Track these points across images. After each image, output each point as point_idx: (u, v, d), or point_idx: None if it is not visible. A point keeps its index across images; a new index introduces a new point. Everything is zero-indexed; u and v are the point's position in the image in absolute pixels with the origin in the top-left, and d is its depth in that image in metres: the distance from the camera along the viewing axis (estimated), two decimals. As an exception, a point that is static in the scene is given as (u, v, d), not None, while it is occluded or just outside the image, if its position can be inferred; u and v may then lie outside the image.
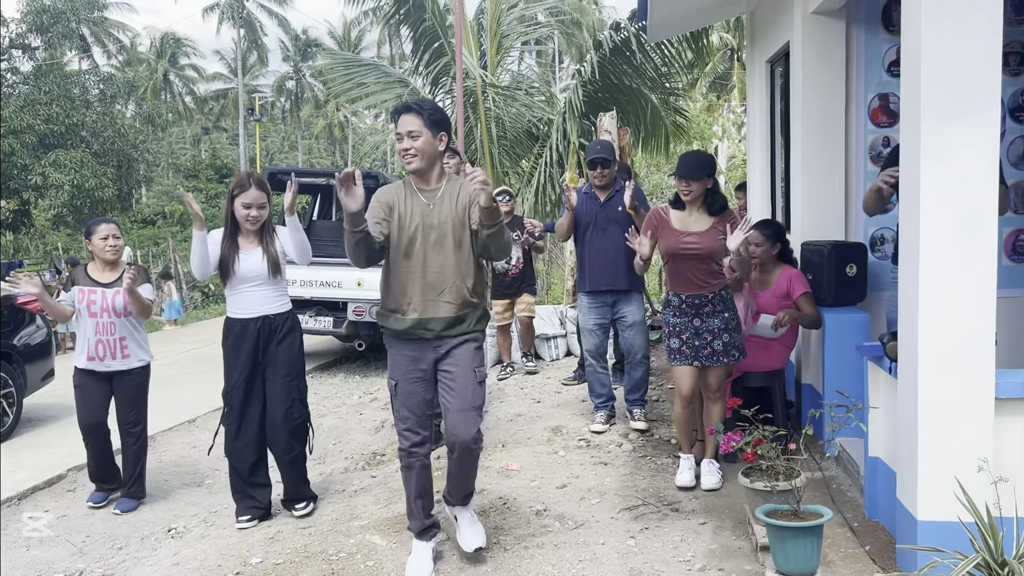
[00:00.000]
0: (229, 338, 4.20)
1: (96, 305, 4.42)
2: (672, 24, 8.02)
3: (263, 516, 4.25)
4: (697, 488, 4.31)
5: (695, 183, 4.19)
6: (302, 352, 4.35)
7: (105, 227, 4.53)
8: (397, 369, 3.50)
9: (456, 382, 3.43)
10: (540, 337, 8.27)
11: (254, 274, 4.14)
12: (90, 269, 4.55)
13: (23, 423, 6.35)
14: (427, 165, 3.37)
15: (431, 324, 3.39)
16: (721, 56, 25.34)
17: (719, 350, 4.26)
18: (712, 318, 4.26)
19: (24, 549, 4.04)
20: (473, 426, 3.44)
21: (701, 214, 4.25)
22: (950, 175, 2.94)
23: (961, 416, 2.97)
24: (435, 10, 11.87)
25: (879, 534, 3.57)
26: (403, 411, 3.50)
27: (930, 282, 2.97)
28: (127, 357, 4.49)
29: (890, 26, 5.04)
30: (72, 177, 19.24)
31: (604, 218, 5.39)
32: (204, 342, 10.80)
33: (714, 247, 4.20)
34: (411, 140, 3.32)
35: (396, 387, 3.50)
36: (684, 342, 4.29)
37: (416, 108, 3.37)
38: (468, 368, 3.44)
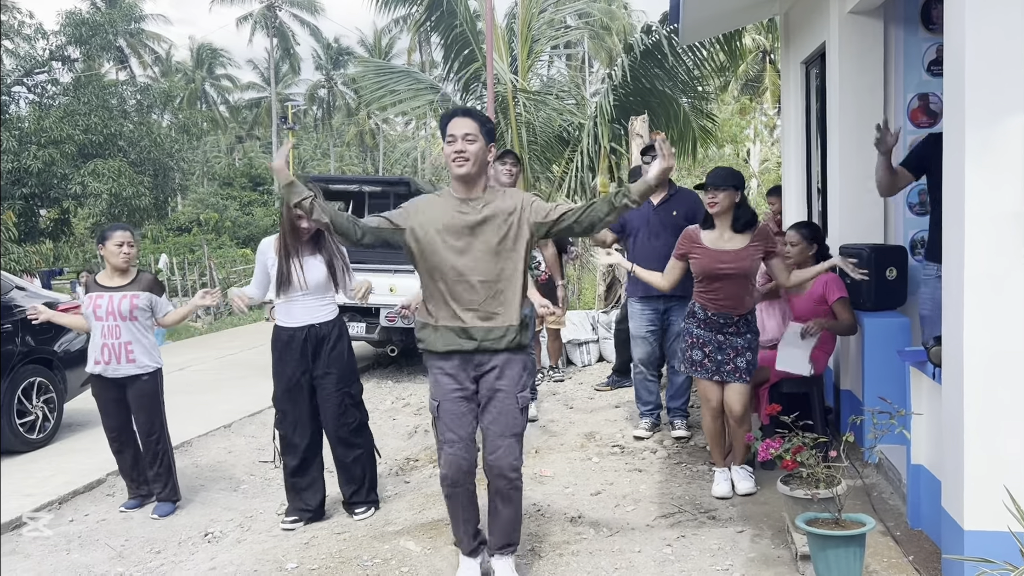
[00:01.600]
0: (277, 346, 4.26)
1: (102, 309, 4.45)
2: (704, 26, 7.95)
3: (311, 519, 4.27)
4: (733, 495, 4.25)
5: (721, 192, 4.14)
6: (353, 356, 4.37)
7: (121, 234, 4.54)
8: (439, 389, 3.33)
9: (495, 406, 3.28)
10: (572, 342, 8.25)
11: (311, 282, 4.17)
12: (100, 276, 4.60)
13: (63, 428, 6.45)
14: (476, 172, 3.24)
15: (473, 333, 3.24)
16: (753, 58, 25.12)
17: (742, 367, 4.21)
18: (736, 337, 4.22)
19: (65, 552, 4.09)
20: (511, 454, 3.27)
21: (732, 233, 4.20)
22: (996, 174, 2.86)
23: (1009, 422, 2.89)
24: (466, 16, 11.91)
25: (923, 543, 3.49)
26: (448, 434, 3.30)
27: (976, 285, 2.90)
28: (132, 362, 4.47)
29: (930, 24, 4.94)
30: (110, 186, 19.57)
31: (657, 222, 5.27)
32: (239, 348, 10.91)
33: (747, 267, 4.16)
34: (466, 143, 3.20)
35: (439, 408, 3.32)
36: (706, 355, 4.25)
37: (473, 113, 3.31)
38: (511, 393, 3.28)
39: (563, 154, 12.37)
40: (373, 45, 45.95)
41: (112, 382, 4.52)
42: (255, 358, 9.82)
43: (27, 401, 6.08)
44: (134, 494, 4.69)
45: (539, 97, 12.55)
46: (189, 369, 9.42)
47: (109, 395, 4.55)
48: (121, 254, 4.49)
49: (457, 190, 3.30)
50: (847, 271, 4.22)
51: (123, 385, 4.53)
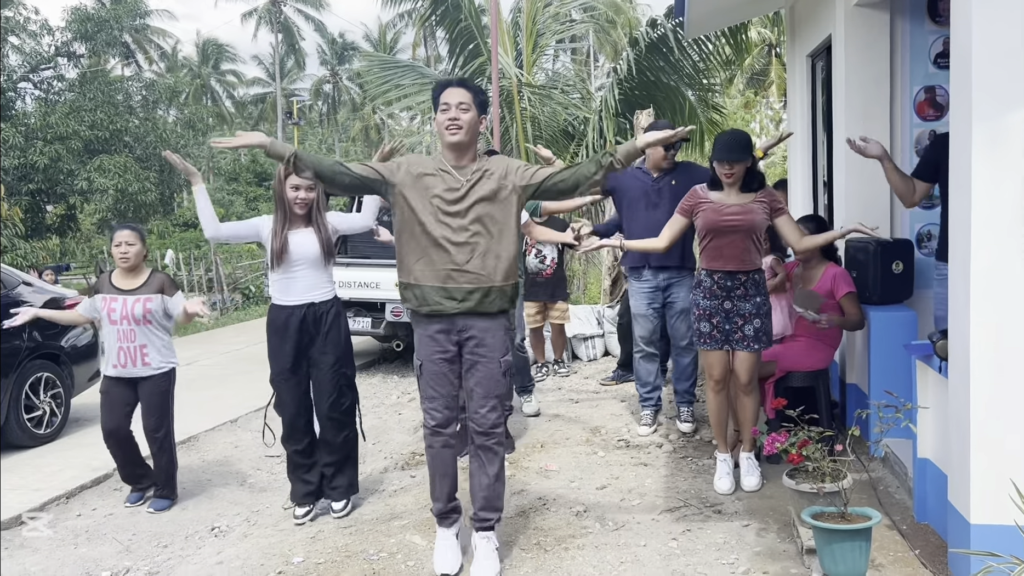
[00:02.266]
0: (274, 325, 4.23)
1: (116, 313, 4.43)
2: (710, 19, 7.93)
3: (316, 498, 4.29)
4: (738, 490, 4.24)
5: (738, 164, 4.06)
6: (349, 337, 4.35)
7: (120, 234, 4.52)
8: (422, 349, 3.48)
9: (479, 370, 3.43)
10: (577, 337, 8.25)
11: (302, 256, 4.15)
12: (114, 276, 4.57)
13: (71, 423, 6.48)
14: (468, 141, 3.34)
15: (454, 293, 3.33)
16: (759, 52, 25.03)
17: (750, 335, 4.16)
18: (744, 301, 4.16)
19: (72, 547, 4.11)
20: (493, 412, 3.45)
21: (739, 194, 4.14)
22: (1003, 168, 2.85)
23: (1016, 416, 2.88)
24: (471, 10, 11.89)
25: (929, 537, 3.49)
26: (428, 391, 3.49)
27: (982, 278, 2.89)
28: (147, 364, 4.48)
29: (936, 17, 4.91)
30: (116, 182, 19.60)
31: (655, 193, 5.17)
32: (246, 343, 10.93)
33: (755, 220, 4.08)
34: (460, 111, 3.30)
35: (421, 367, 3.48)
36: (715, 326, 4.20)
37: (467, 83, 3.39)
38: (494, 358, 3.42)
39: (568, 148, 12.35)
40: (378, 40, 45.92)
41: (125, 381, 4.53)
42: (261, 352, 9.77)
43: (34, 396, 6.11)
44: (135, 488, 4.71)
45: (544, 91, 12.53)
46: (196, 364, 9.44)
47: (119, 394, 4.54)
48: (120, 254, 4.47)
49: (448, 158, 3.37)
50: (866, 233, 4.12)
51: (135, 384, 4.54)
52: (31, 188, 19.79)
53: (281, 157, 3.29)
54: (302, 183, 4.13)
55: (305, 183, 4.13)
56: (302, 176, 3.41)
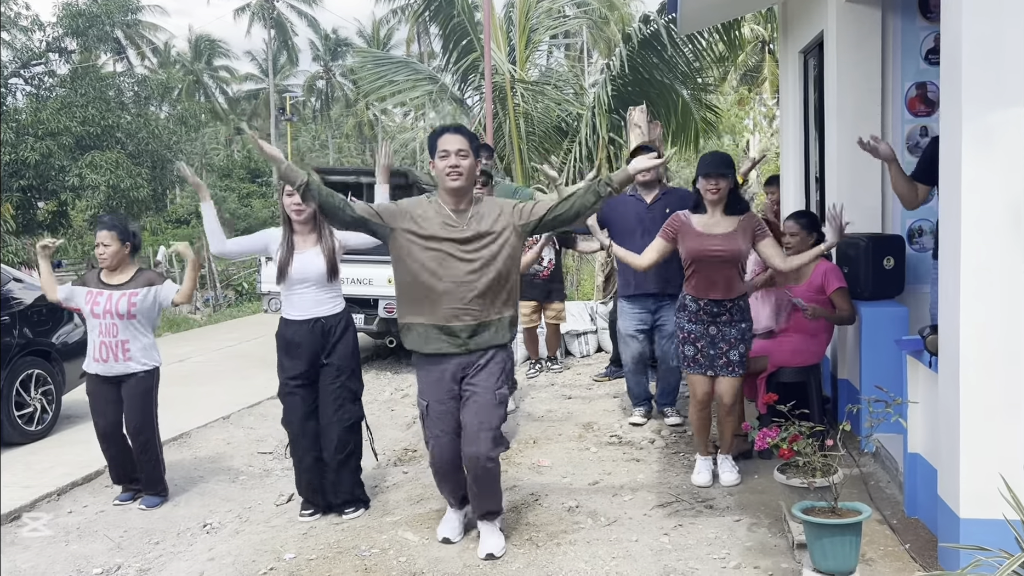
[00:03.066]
0: (283, 339, 4.21)
1: (100, 307, 4.42)
2: (703, 15, 7.92)
3: (324, 510, 4.25)
4: (713, 485, 4.27)
5: (723, 180, 4.11)
6: (357, 352, 4.33)
7: (99, 234, 4.50)
8: (427, 390, 3.59)
9: (475, 402, 3.50)
10: (570, 333, 8.25)
11: (308, 275, 4.14)
12: (103, 273, 4.55)
13: (62, 420, 6.45)
14: (467, 186, 3.48)
15: (457, 331, 3.45)
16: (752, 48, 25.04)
17: (735, 360, 4.19)
18: (729, 327, 4.18)
19: (63, 544, 4.10)
20: (487, 445, 3.49)
21: (722, 216, 4.17)
22: (993, 164, 2.86)
23: (1005, 411, 2.90)
24: (464, 6, 11.88)
25: (919, 532, 3.50)
26: (436, 430, 3.58)
27: (972, 274, 2.90)
28: (129, 360, 4.45)
29: (927, 13, 4.92)
30: (108, 178, 19.48)
31: (650, 220, 5.14)
32: (238, 340, 10.91)
33: (740, 250, 4.12)
34: (460, 158, 3.42)
35: (428, 408, 3.58)
36: (699, 350, 4.22)
37: (463, 130, 3.53)
38: (490, 389, 3.51)
39: (561, 145, 12.35)
40: (372, 36, 45.79)
41: (108, 381, 4.50)
42: (254, 350, 9.82)
43: (25, 393, 6.08)
44: (126, 488, 4.68)
45: (537, 87, 12.52)
46: (188, 361, 9.42)
47: (104, 394, 4.52)
48: (98, 255, 4.47)
49: (447, 201, 3.49)
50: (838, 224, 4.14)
51: (119, 384, 4.50)
52: (22, 184, 19.67)
53: (292, 182, 3.37)
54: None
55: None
56: (307, 204, 3.53)
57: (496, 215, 3.50)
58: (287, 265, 4.14)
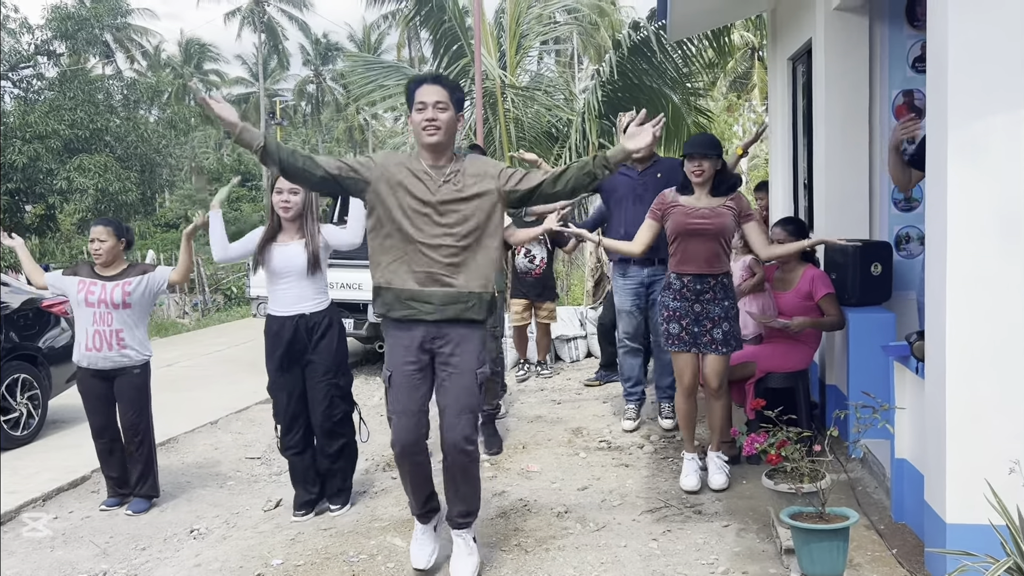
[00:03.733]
0: (268, 334, 4.23)
1: (94, 296, 4.40)
2: (692, 22, 7.96)
3: (317, 506, 4.29)
4: (702, 489, 4.27)
5: (707, 161, 4.09)
6: (343, 347, 4.33)
7: (93, 229, 4.50)
8: (393, 359, 3.30)
9: (453, 383, 3.26)
10: (560, 338, 8.26)
11: (289, 267, 4.13)
12: (96, 266, 4.55)
13: (48, 425, 6.41)
14: (446, 141, 3.21)
15: (431, 298, 3.20)
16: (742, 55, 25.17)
17: (719, 338, 4.17)
18: (713, 305, 4.17)
19: (48, 550, 4.07)
20: (467, 428, 3.26)
21: (710, 197, 4.16)
22: (979, 172, 2.88)
23: (991, 417, 2.91)
24: (455, 11, 11.88)
25: (906, 537, 3.52)
26: (398, 404, 3.30)
27: (959, 280, 2.92)
28: (124, 348, 4.43)
29: (915, 21, 4.96)
30: (96, 181, 19.42)
31: (642, 187, 5.16)
32: (226, 344, 10.87)
33: (724, 223, 4.10)
34: (437, 111, 3.16)
35: (391, 379, 3.30)
36: (684, 328, 4.21)
37: (443, 80, 3.25)
38: (469, 370, 3.26)
39: (552, 150, 12.35)
40: (362, 41, 45.79)
41: (100, 376, 4.47)
42: (242, 354, 9.79)
43: (11, 398, 6.04)
44: (114, 492, 4.64)
45: (528, 93, 12.53)
46: (176, 365, 9.38)
47: (96, 391, 4.49)
48: (93, 250, 4.46)
49: (425, 158, 3.24)
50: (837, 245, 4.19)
51: (111, 379, 4.48)
52: (9, 188, 19.58)
53: (249, 145, 3.08)
54: (284, 187, 4.11)
55: (287, 186, 4.11)
56: (268, 167, 3.24)
57: (479, 175, 3.24)
58: (263, 253, 4.15)
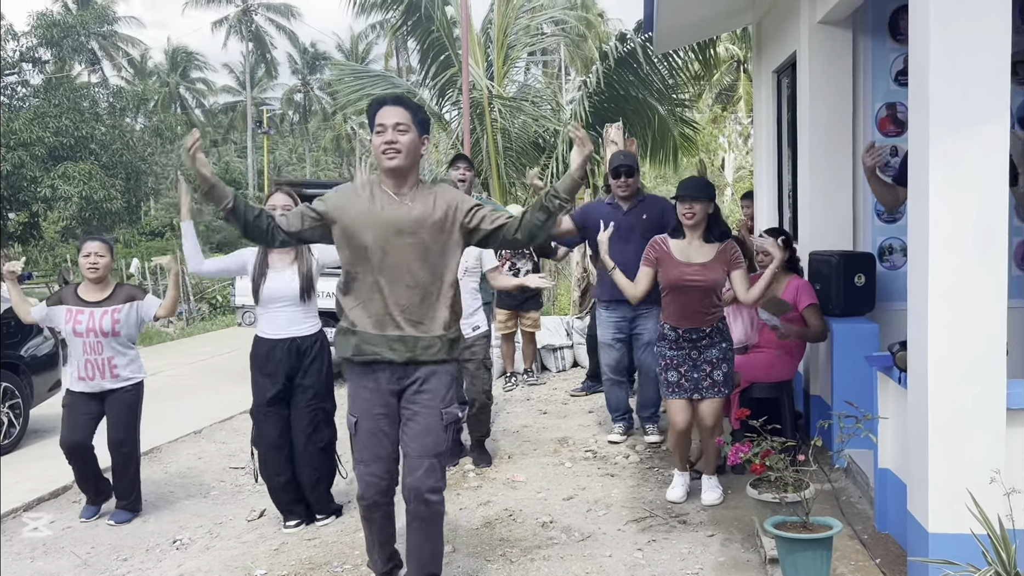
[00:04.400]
0: (257, 358, 4.18)
1: (82, 325, 4.33)
2: (679, 35, 8.02)
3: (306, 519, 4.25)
4: (699, 500, 4.27)
5: (698, 204, 4.12)
6: (331, 373, 4.31)
7: (89, 245, 4.43)
8: (357, 404, 3.10)
9: (417, 423, 3.04)
10: (547, 348, 8.26)
11: (283, 294, 4.12)
12: (80, 289, 4.46)
13: (29, 434, 6.35)
14: (409, 165, 3.00)
15: (397, 341, 3.02)
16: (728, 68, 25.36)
17: (719, 380, 4.19)
18: (710, 349, 4.18)
19: (28, 560, 4.03)
20: (431, 476, 3.03)
21: (701, 243, 4.18)
22: (960, 184, 2.91)
23: (972, 427, 2.94)
24: (442, 22, 11.92)
25: (889, 546, 3.53)
26: (365, 452, 3.07)
27: (940, 292, 2.94)
28: (116, 377, 4.39)
29: (897, 35, 5.02)
30: (81, 189, 19.32)
31: (627, 227, 5.17)
32: (210, 353, 10.80)
33: (717, 279, 4.14)
34: (397, 133, 2.95)
35: (356, 425, 3.07)
36: (683, 375, 4.22)
37: (405, 100, 3.04)
38: (435, 408, 3.06)
39: (539, 160, 12.39)
40: (350, 50, 45.83)
41: (92, 395, 4.42)
42: (227, 363, 9.73)
43: (-8, 407, 5.98)
44: (93, 501, 4.58)
45: (515, 103, 12.58)
46: (160, 374, 9.31)
47: (83, 408, 4.41)
48: (88, 265, 4.38)
49: (387, 184, 3.03)
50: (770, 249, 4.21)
51: (103, 398, 4.43)
52: (-7, 195, 19.45)
53: (218, 203, 2.94)
54: (278, 203, 4.11)
55: (280, 203, 4.10)
56: (232, 225, 3.05)
57: (443, 208, 3.02)
58: (260, 284, 4.13)
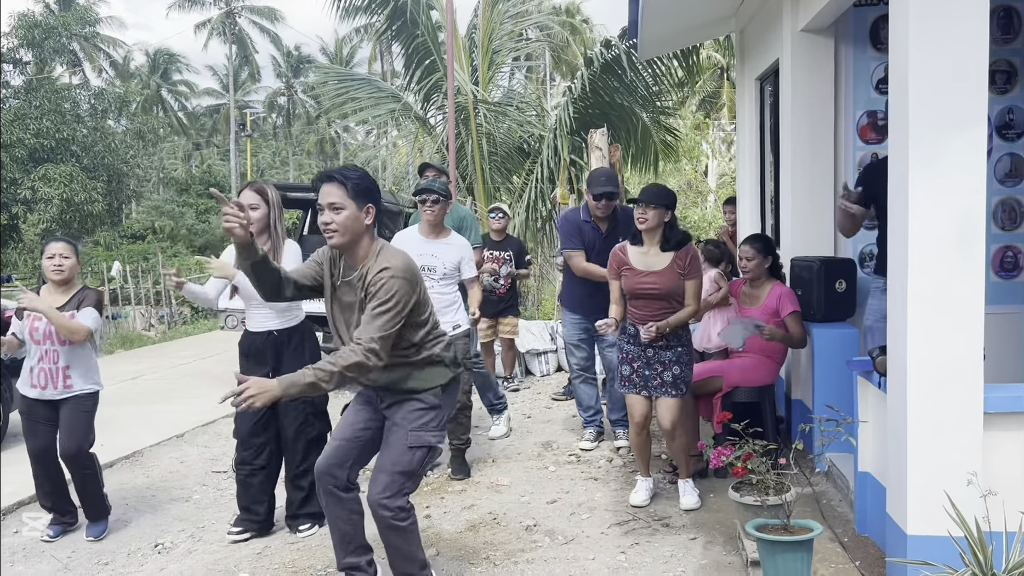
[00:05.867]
0: (241, 350, 4.26)
1: (39, 332, 4.20)
2: (663, 42, 8.08)
3: (259, 531, 4.18)
4: (649, 504, 4.32)
5: (651, 211, 4.16)
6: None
7: (53, 246, 4.28)
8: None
9: (388, 439, 3.18)
10: (531, 352, 8.29)
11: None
12: (43, 292, 4.32)
13: (9, 437, 6.29)
14: (350, 241, 3.01)
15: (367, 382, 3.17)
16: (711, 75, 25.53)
17: (668, 381, 4.22)
18: (665, 351, 4.23)
19: (8, 564, 3.99)
20: (386, 490, 3.09)
21: (658, 251, 4.24)
22: (939, 192, 2.96)
23: (950, 430, 2.98)
24: (427, 26, 11.93)
25: (869, 549, 3.57)
26: (335, 430, 3.26)
27: (919, 298, 2.99)
28: (69, 387, 4.24)
29: (878, 44, 5.09)
30: (61, 191, 19.15)
31: (605, 250, 5.16)
32: (192, 357, 10.74)
33: (671, 286, 4.19)
34: (333, 213, 2.97)
35: (343, 408, 3.33)
36: (635, 370, 4.28)
37: (339, 177, 3.01)
38: (403, 428, 3.14)
39: (523, 165, 12.43)
40: (334, 54, 45.72)
41: (44, 402, 4.27)
42: (209, 367, 9.68)
43: (-29, 410, 5.91)
44: (57, 520, 4.42)
45: (500, 108, 12.61)
46: (142, 378, 9.25)
47: (40, 415, 4.28)
48: (52, 267, 4.22)
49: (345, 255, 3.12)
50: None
51: (56, 406, 4.28)
52: (-28, 197, 19.25)
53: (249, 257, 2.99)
54: (245, 202, 4.04)
55: (248, 201, 4.05)
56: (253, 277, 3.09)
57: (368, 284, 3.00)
58: (237, 284, 4.13)
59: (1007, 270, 4.99)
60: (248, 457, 4.19)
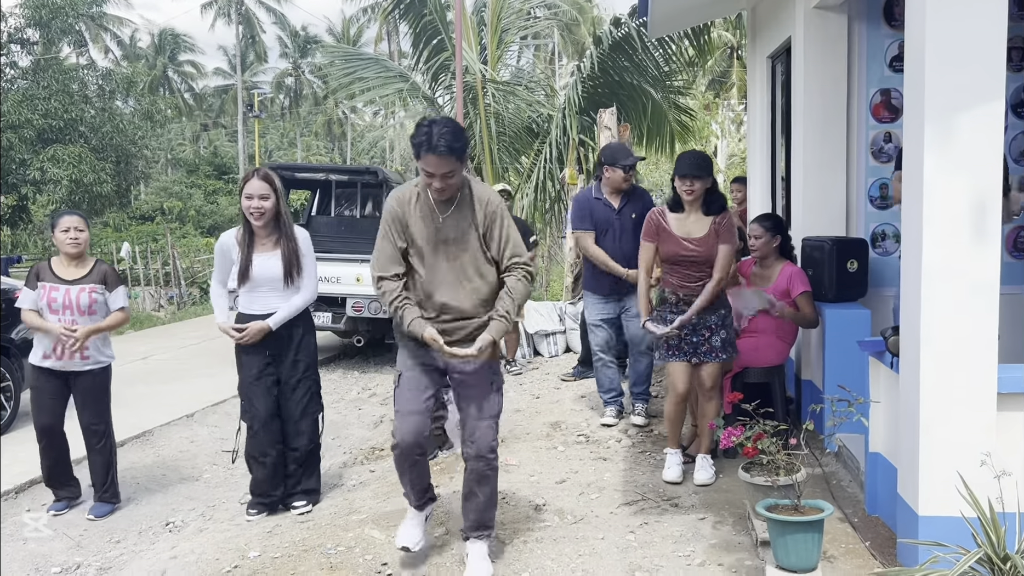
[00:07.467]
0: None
1: (57, 302, 4.22)
2: (673, 20, 7.99)
3: (272, 509, 4.22)
4: (691, 483, 4.30)
5: (698, 182, 4.17)
6: (315, 348, 4.33)
7: (67, 219, 4.30)
8: (404, 359, 3.41)
9: (472, 389, 3.36)
10: (539, 333, 8.27)
11: (268, 276, 4.12)
12: (56, 266, 4.33)
13: (21, 416, 6.33)
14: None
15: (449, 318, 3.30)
16: (721, 54, 25.32)
17: (717, 346, 4.24)
18: (709, 314, 4.24)
19: (21, 542, 4.02)
20: (490, 435, 3.37)
21: (699, 216, 4.23)
22: (954, 170, 2.92)
23: (963, 410, 2.96)
24: (435, 5, 11.84)
25: (879, 529, 3.56)
26: (404, 404, 3.35)
27: (933, 277, 2.96)
28: (86, 359, 4.28)
29: (892, 20, 5.02)
30: (70, 172, 19.15)
31: (619, 225, 5.33)
32: (202, 337, 10.78)
33: (712, 252, 4.20)
34: (448, 179, 3.24)
35: (400, 378, 3.40)
36: (682, 339, 4.27)
37: (449, 151, 3.19)
38: (483, 374, 3.36)
39: (532, 146, 12.37)
40: (341, 34, 45.49)
41: (57, 375, 4.30)
42: (218, 347, 9.70)
43: (-17, 390, 5.95)
44: (59, 496, 4.46)
45: (508, 87, 12.52)
46: (152, 358, 9.29)
47: (50, 389, 4.31)
48: (68, 240, 4.25)
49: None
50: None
51: (67, 379, 4.31)
52: (-19, 177, 19.28)
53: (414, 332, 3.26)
54: (254, 192, 4.05)
55: (258, 192, 4.05)
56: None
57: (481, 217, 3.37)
58: (248, 268, 4.11)
59: (1021, 250, 4.94)
60: (267, 443, 4.17)
